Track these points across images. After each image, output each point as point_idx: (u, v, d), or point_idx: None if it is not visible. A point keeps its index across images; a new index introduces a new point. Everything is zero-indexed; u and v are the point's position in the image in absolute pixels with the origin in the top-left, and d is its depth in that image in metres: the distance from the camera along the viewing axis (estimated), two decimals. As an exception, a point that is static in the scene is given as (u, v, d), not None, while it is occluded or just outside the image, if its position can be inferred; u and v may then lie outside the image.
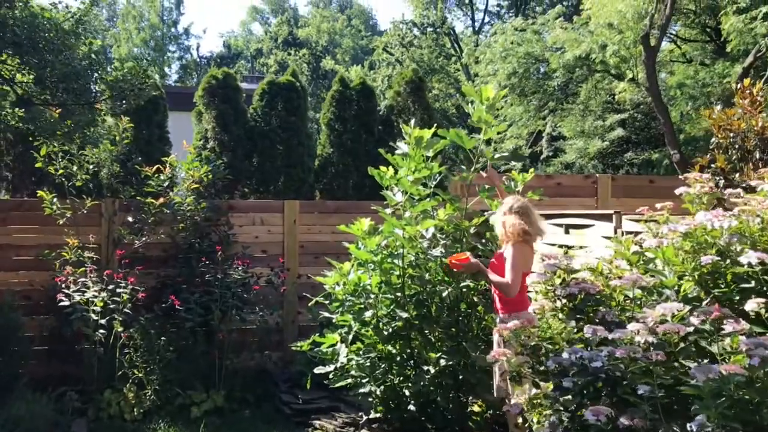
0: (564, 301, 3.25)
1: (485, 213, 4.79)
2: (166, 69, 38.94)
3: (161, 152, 8.26)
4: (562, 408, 3.01)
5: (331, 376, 4.91)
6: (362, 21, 42.08)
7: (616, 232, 5.97)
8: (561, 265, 3.25)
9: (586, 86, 16.56)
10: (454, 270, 4.30)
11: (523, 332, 3.18)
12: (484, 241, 4.80)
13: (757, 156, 6.73)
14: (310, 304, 5.12)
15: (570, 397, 2.85)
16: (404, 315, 4.53)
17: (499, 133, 4.79)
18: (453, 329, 4.64)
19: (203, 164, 7.31)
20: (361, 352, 4.86)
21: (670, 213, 3.69)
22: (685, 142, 16.36)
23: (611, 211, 6.13)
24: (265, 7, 45.04)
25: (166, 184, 7.01)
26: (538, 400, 3.11)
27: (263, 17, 45.32)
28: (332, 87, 9.79)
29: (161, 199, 6.69)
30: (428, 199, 4.75)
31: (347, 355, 4.86)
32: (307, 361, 5.59)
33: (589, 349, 2.89)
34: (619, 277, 3.41)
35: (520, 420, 3.57)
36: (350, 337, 4.90)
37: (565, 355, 2.83)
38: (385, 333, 4.72)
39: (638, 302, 3.20)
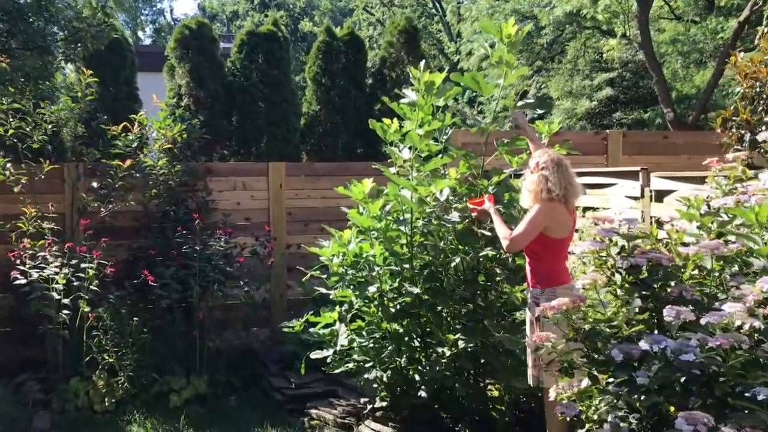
0: (623, 274, 2.67)
1: (505, 171, 4.19)
2: (140, 33, 37.86)
3: (130, 111, 7.53)
4: (626, 407, 2.46)
5: (329, 360, 4.36)
6: None
7: (643, 192, 5.44)
8: (620, 229, 2.67)
9: (575, 45, 16.16)
10: (473, 214, 3.90)
11: (575, 313, 2.60)
12: (505, 203, 4.20)
13: (788, 107, 6.20)
14: (304, 279, 4.54)
15: (643, 395, 2.29)
16: (414, 290, 3.96)
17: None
18: (470, 305, 4.08)
19: (177, 123, 6.64)
20: (364, 333, 4.32)
21: (743, 165, 3.11)
22: (677, 101, 16.06)
23: (637, 168, 5.60)
24: None
25: (135, 144, 6.36)
26: (596, 399, 2.56)
27: None
28: (318, 38, 9.06)
29: (129, 162, 6.03)
30: (440, 156, 4.13)
31: (348, 336, 4.31)
32: (299, 340, 5.05)
33: (667, 335, 2.33)
34: (684, 244, 2.86)
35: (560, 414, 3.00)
36: (350, 315, 4.35)
37: (643, 344, 2.27)
38: (392, 310, 4.18)
39: (716, 275, 2.65)
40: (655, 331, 2.57)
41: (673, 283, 2.56)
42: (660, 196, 5.24)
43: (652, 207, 5.20)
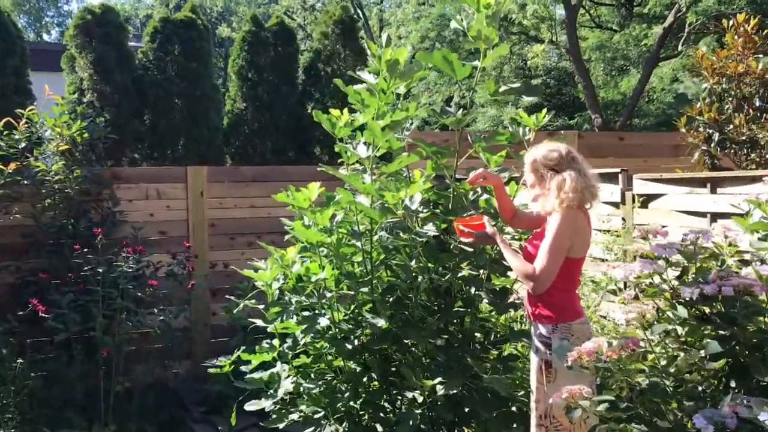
0: (688, 306, 1.98)
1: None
2: (45, 36, 35.78)
3: (20, 107, 6.44)
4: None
5: (269, 410, 3.51)
6: None
7: (624, 197, 4.87)
8: (688, 244, 1.99)
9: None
10: (463, 238, 3.09)
11: (629, 362, 1.90)
12: (480, 212, 3.49)
13: (757, 104, 5.81)
14: (235, 311, 3.67)
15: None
16: (379, 322, 3.18)
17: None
18: (445, 336, 3.34)
19: (77, 120, 5.63)
20: (311, 375, 3.50)
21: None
22: (603, 107, 16.26)
23: (616, 169, 5.05)
24: None
25: (23, 145, 5.32)
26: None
27: None
28: (242, 28, 8.17)
29: (12, 165, 5.00)
30: (405, 154, 3.39)
31: (293, 380, 3.49)
32: (227, 378, 4.18)
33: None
34: (744, 262, 2.21)
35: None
36: (295, 352, 3.53)
37: (743, 410, 1.57)
38: (348, 346, 3.38)
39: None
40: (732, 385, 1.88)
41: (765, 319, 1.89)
42: (643, 200, 4.69)
43: (636, 214, 4.63)
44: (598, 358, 1.97)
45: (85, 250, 5.02)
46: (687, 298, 1.96)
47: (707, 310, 1.98)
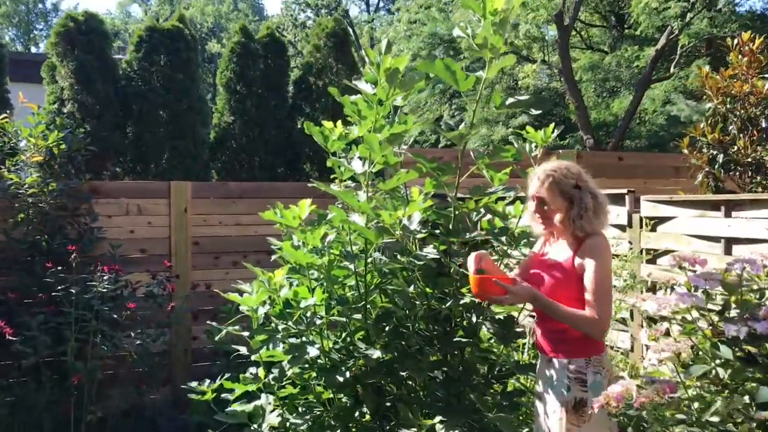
0: (732, 346, 1.74)
1: (490, 190, 3.25)
2: (33, 48, 35.63)
3: (-4, 117, 6.19)
4: None
5: (252, 447, 3.23)
6: (249, 5, 41.86)
7: (631, 219, 4.65)
8: (732, 274, 1.76)
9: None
10: (487, 293, 2.59)
11: (663, 410, 1.67)
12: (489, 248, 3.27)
13: (763, 125, 5.64)
14: (217, 338, 3.39)
15: None
16: (374, 353, 2.92)
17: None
18: (444, 368, 3.09)
19: (54, 130, 5.37)
20: (298, 408, 3.23)
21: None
22: (595, 128, 16.29)
23: (623, 190, 4.84)
24: None
25: (-5, 156, 5.05)
26: None
27: None
28: (232, 38, 7.95)
29: (-19, 177, 4.73)
30: (403, 170, 3.15)
31: (278, 413, 3.22)
32: (208, 407, 3.90)
33: None
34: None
35: None
36: (281, 383, 3.26)
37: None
38: (339, 378, 3.11)
39: None
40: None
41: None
42: (652, 224, 4.47)
43: (645, 237, 4.40)
44: (628, 404, 1.73)
45: (59, 268, 4.74)
46: (731, 336, 1.72)
47: (754, 350, 1.74)
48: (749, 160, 5.55)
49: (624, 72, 17.23)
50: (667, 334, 2.00)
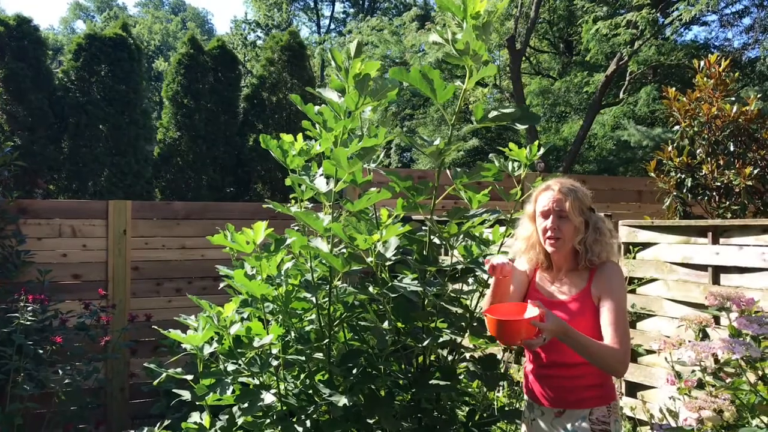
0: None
1: (470, 212, 2.91)
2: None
3: None
4: None
5: (195, 508, 2.78)
6: (198, 24, 41.92)
7: (619, 248, 4.37)
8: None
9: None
10: (515, 339, 2.09)
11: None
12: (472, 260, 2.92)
13: (731, 148, 5.53)
14: (156, 382, 2.94)
15: None
16: (340, 400, 2.53)
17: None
18: (419, 415, 2.71)
19: (-24, 143, 4.83)
20: (251, 462, 2.79)
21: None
22: (545, 152, 16.47)
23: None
24: (90, 4, 42.86)
25: None
26: None
27: (88, 15, 42.80)
28: (179, 50, 7.48)
29: None
30: (374, 189, 2.79)
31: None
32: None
33: None
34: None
35: None
36: (231, 433, 2.83)
37: None
38: (299, 429, 2.70)
39: None
40: None
41: None
42: (629, 249, 4.21)
43: (623, 265, 4.12)
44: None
45: (-23, 296, 4.19)
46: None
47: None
48: (718, 184, 5.41)
49: (573, 97, 17.47)
50: (701, 386, 1.67)
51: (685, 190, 5.52)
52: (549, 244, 2.28)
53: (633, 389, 3.86)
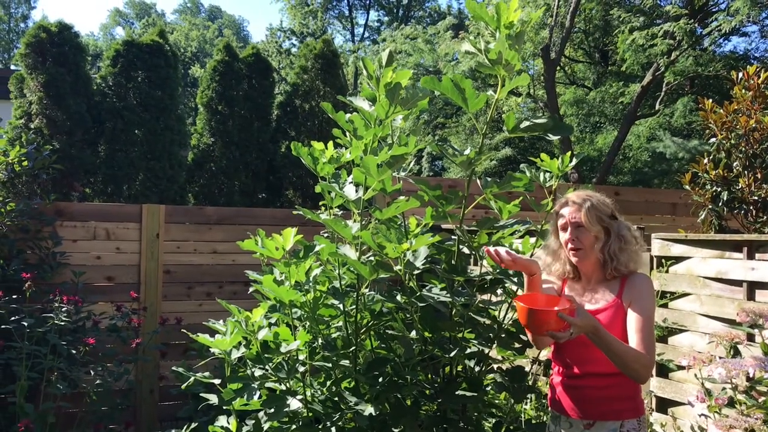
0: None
1: (500, 223, 2.89)
2: (13, 67, 35.36)
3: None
4: None
5: None
6: (234, 32, 42.44)
7: (652, 261, 4.28)
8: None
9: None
10: (543, 328, 2.06)
11: None
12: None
13: (768, 161, 5.40)
14: (184, 385, 2.97)
15: None
16: (366, 409, 2.53)
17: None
18: (445, 426, 2.70)
19: (16, 145, 4.95)
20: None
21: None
22: (579, 162, 16.32)
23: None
24: (129, 11, 43.91)
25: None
26: None
27: (127, 21, 43.78)
28: (214, 57, 7.60)
29: (-71, 194, 4.29)
30: (402, 198, 2.80)
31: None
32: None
33: None
34: None
35: None
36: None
37: None
38: (324, 436, 2.70)
39: None
40: None
41: None
42: (661, 263, 4.13)
43: (656, 279, 4.05)
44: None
45: (14, 296, 4.29)
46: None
47: None
48: (755, 198, 5.30)
49: (608, 107, 17.27)
50: (731, 404, 1.63)
51: (720, 204, 5.41)
52: (572, 254, 2.31)
53: (663, 405, 3.79)
